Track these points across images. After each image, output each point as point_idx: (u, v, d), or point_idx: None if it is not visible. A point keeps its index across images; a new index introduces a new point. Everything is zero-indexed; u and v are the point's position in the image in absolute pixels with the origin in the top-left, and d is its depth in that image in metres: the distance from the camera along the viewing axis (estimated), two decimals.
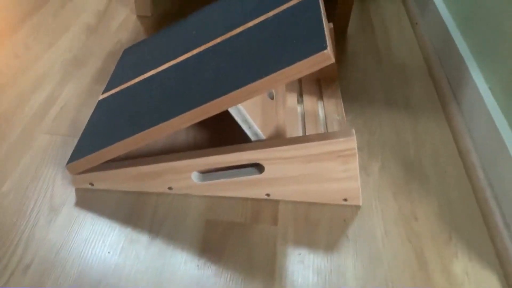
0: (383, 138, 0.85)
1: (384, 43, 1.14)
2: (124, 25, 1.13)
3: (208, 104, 0.60)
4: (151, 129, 0.63)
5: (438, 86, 0.98)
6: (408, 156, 0.81)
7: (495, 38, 0.82)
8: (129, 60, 0.87)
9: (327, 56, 0.54)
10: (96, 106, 0.78)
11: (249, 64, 0.61)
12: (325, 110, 0.86)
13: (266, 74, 0.57)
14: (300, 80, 0.93)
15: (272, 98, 0.80)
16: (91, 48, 1.04)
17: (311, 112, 0.85)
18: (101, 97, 0.80)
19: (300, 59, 0.55)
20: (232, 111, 0.64)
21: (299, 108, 0.87)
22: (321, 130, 0.81)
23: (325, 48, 0.54)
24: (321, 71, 0.93)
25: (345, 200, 0.70)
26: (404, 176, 0.77)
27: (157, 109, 0.65)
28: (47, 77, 0.94)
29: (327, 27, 0.60)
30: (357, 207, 0.71)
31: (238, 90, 0.59)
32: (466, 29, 0.96)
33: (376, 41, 1.14)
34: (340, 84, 0.98)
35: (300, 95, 0.90)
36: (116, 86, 0.80)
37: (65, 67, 0.97)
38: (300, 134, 0.80)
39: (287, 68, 0.56)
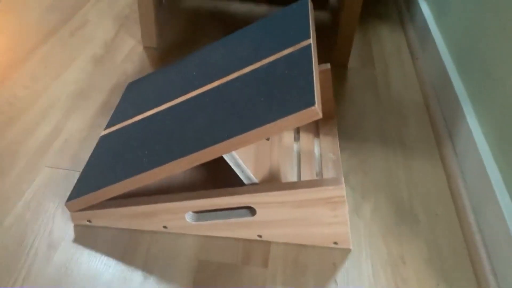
0: (377, 179, 0.86)
1: (383, 77, 1.16)
2: (130, 56, 1.17)
3: (202, 151, 0.63)
4: (147, 172, 0.65)
5: (434, 125, 1.00)
6: (400, 198, 0.83)
7: (489, 81, 0.84)
8: (131, 96, 0.90)
9: (314, 112, 0.56)
10: (97, 142, 0.81)
11: (242, 114, 0.64)
12: (321, 148, 0.88)
13: (258, 126, 0.59)
14: None
15: (267, 138, 0.82)
16: (96, 80, 1.07)
17: (307, 151, 0.87)
18: (103, 133, 0.83)
19: (289, 113, 0.58)
20: (226, 156, 0.66)
21: (295, 146, 0.89)
22: (316, 170, 0.82)
23: (313, 104, 0.56)
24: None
25: (335, 243, 0.72)
26: (395, 218, 0.79)
27: (153, 152, 0.68)
28: (52, 109, 0.98)
29: (317, 79, 0.62)
30: (347, 250, 0.73)
31: (231, 140, 0.61)
32: (463, 69, 0.98)
33: (375, 75, 1.16)
34: (337, 119, 1.00)
35: (298, 131, 0.92)
36: (117, 123, 0.83)
37: (71, 99, 1.01)
38: (295, 174, 0.82)
39: (277, 121, 0.58)
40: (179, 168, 0.64)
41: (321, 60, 1.20)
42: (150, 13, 1.15)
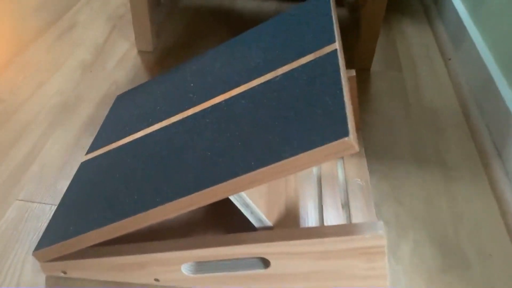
0: (414, 210, 0.71)
1: (412, 82, 1.00)
2: (123, 62, 1.03)
3: (201, 193, 0.48)
4: (130, 218, 0.51)
5: (477, 139, 0.85)
6: (445, 234, 0.68)
7: None
8: (119, 112, 0.76)
9: (348, 145, 0.42)
10: (77, 171, 0.67)
11: (251, 143, 0.49)
12: (345, 171, 0.74)
13: (273, 161, 0.45)
14: None
15: None
16: (83, 91, 0.93)
17: (329, 175, 0.72)
18: (85, 158, 0.69)
19: (314, 146, 0.43)
20: (231, 196, 0.51)
21: (314, 170, 0.74)
22: (341, 200, 0.68)
23: (346, 134, 0.42)
24: None
25: None
26: (441, 262, 0.64)
27: (140, 192, 0.54)
28: (30, 127, 0.84)
29: (348, 98, 0.47)
30: None
31: (239, 178, 0.47)
32: (510, 70, 0.82)
33: (403, 80, 1.01)
34: (362, 135, 0.85)
35: None
36: (101, 146, 0.69)
37: (52, 114, 0.87)
38: (316, 207, 0.67)
39: (298, 156, 0.44)
40: (171, 213, 0.50)
41: None
42: (144, 13, 1.01)
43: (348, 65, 1.05)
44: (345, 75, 0.52)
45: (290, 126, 0.47)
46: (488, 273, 0.63)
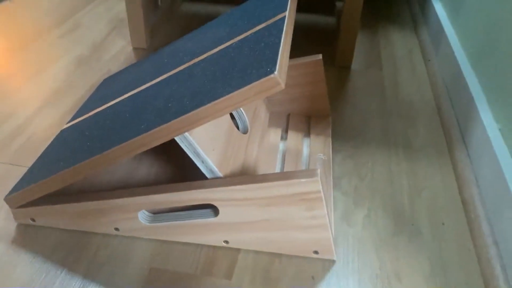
0: (374, 184, 0.74)
1: (391, 79, 1.04)
2: (117, 56, 1.10)
3: (149, 133, 0.53)
4: (86, 161, 0.56)
5: (446, 127, 0.88)
6: (401, 205, 0.70)
7: (508, 81, 0.72)
8: (103, 89, 0.82)
9: (274, 81, 0.46)
10: (55, 136, 0.73)
11: (198, 91, 0.54)
12: (310, 148, 0.77)
13: (210, 101, 0.49)
14: (288, 115, 0.85)
15: (245, 132, 0.72)
16: (76, 79, 1.00)
17: (294, 150, 0.76)
18: (64, 126, 0.75)
19: (245, 85, 0.47)
20: (181, 142, 0.56)
21: (281, 145, 0.78)
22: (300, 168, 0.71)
23: (273, 71, 0.46)
24: (311, 106, 0.84)
25: (316, 252, 0.60)
26: (393, 228, 0.66)
27: (98, 139, 0.58)
28: (23, 107, 0.91)
29: (286, 52, 0.52)
30: (331, 262, 0.60)
31: (181, 118, 0.51)
32: (479, 69, 0.86)
33: (382, 77, 1.05)
34: (334, 122, 0.89)
35: (285, 131, 0.82)
36: (80, 116, 0.74)
37: (45, 98, 0.94)
38: (273, 171, 0.71)
39: (231, 94, 0.48)
40: (123, 154, 0.55)
41: (325, 64, 1.10)
42: (138, 12, 1.09)
43: (329, 63, 1.10)
44: (290, 36, 0.56)
45: (231, 74, 0.52)
46: (438, 239, 0.65)
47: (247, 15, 0.70)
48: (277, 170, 0.73)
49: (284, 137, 0.80)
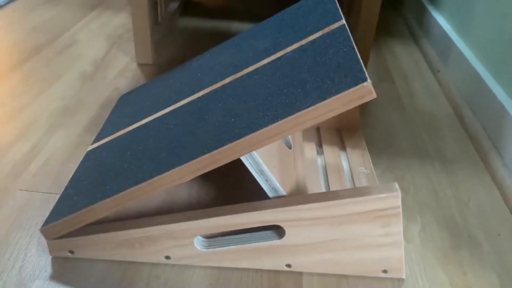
0: (419, 197, 0.72)
1: (405, 91, 1.04)
2: (123, 73, 1.04)
3: (216, 152, 0.49)
4: (144, 183, 0.51)
5: (473, 137, 0.87)
6: (452, 217, 0.68)
7: None
8: (125, 107, 0.77)
9: (367, 90, 0.43)
10: (83, 158, 0.67)
11: (267, 103, 0.50)
12: (349, 162, 0.74)
13: (290, 113, 0.46)
14: (318, 129, 0.82)
15: (289, 147, 0.68)
16: (85, 97, 0.94)
17: (334, 165, 0.73)
18: (90, 147, 0.69)
19: (332, 95, 0.44)
20: (246, 160, 0.52)
21: (319, 160, 0.75)
22: (347, 185, 0.68)
23: (365, 80, 0.43)
24: (341, 119, 0.82)
25: (385, 271, 0.57)
26: (450, 241, 0.64)
27: (150, 161, 0.53)
28: (32, 127, 0.84)
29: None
30: (400, 281, 0.57)
31: (256, 133, 0.47)
32: (501, 74, 0.87)
33: (397, 90, 1.05)
34: (363, 134, 0.87)
35: (319, 145, 0.79)
36: (108, 135, 0.69)
37: (54, 117, 0.87)
38: (323, 190, 0.67)
39: (317, 106, 0.45)
40: (186, 175, 0.50)
41: None
42: (145, 27, 1.04)
43: None
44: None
45: (306, 84, 0.49)
46: (499, 251, 0.63)
47: (289, 26, 0.67)
48: (322, 186, 0.69)
49: (319, 152, 0.77)
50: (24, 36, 1.20)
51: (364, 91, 0.43)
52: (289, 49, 0.60)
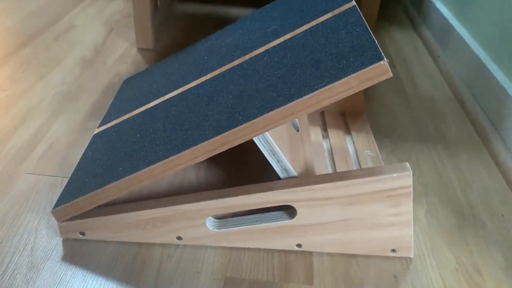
0: (424, 179, 0.73)
1: (406, 76, 1.05)
2: (123, 58, 1.04)
3: (229, 132, 0.49)
4: (159, 164, 0.51)
5: (475, 121, 0.88)
6: (456, 199, 0.69)
7: None
8: (130, 90, 0.77)
9: (384, 68, 0.44)
10: (90, 141, 0.67)
11: (280, 83, 0.50)
12: (355, 146, 0.75)
13: (307, 93, 0.46)
14: (322, 113, 0.83)
15: (297, 130, 0.68)
16: (85, 82, 0.93)
17: (340, 148, 0.74)
18: (97, 130, 0.69)
19: (348, 74, 0.44)
20: (258, 141, 0.52)
21: (324, 144, 0.76)
22: (354, 168, 0.69)
23: (382, 58, 0.43)
24: (346, 103, 0.82)
25: (393, 251, 0.58)
26: (456, 222, 0.65)
27: (162, 142, 0.53)
28: (34, 112, 0.83)
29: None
30: (408, 260, 0.58)
31: (271, 113, 0.47)
32: (501, 58, 0.87)
33: (397, 74, 1.05)
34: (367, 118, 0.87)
35: (324, 129, 0.79)
36: (115, 118, 0.69)
37: (56, 102, 0.86)
38: (332, 170, 0.68)
39: (333, 84, 0.45)
40: (201, 155, 0.50)
41: None
42: (146, 12, 1.03)
43: None
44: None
45: (321, 64, 0.49)
46: (503, 231, 0.64)
47: (296, 8, 0.67)
48: (329, 169, 0.70)
49: (325, 136, 0.78)
50: (20, 21, 1.18)
51: (381, 70, 0.44)
52: (299, 30, 0.60)
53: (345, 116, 0.83)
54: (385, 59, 0.43)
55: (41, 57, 1.02)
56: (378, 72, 0.44)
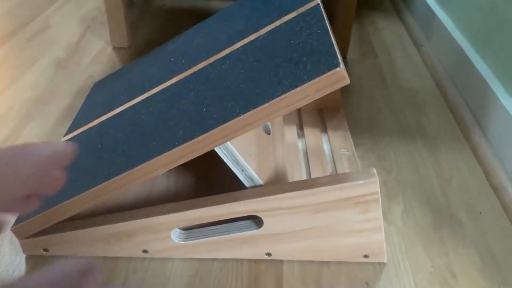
0: (402, 176, 0.71)
1: (388, 67, 1.02)
2: (98, 58, 1.01)
3: (188, 144, 0.47)
4: (115, 178, 0.49)
5: (456, 113, 0.86)
6: (434, 196, 0.68)
7: None
8: (99, 95, 0.74)
9: (340, 75, 0.41)
10: None
11: (238, 91, 0.48)
12: (331, 144, 0.73)
13: (262, 103, 0.44)
14: (299, 110, 0.80)
15: (268, 133, 0.66)
16: (58, 85, 0.91)
17: (315, 148, 0.72)
18: (63, 139, 0.67)
19: (305, 81, 0.42)
20: (220, 151, 0.50)
21: (300, 144, 0.74)
22: (329, 169, 0.67)
23: (338, 65, 0.41)
24: (323, 99, 0.80)
25: (366, 256, 0.56)
26: (433, 222, 0.63)
27: (122, 154, 0.52)
28: (5, 117, 0.81)
29: (335, 41, 0.47)
30: (381, 265, 0.57)
31: (226, 124, 0.45)
32: (483, 48, 0.85)
33: (380, 65, 1.03)
34: (345, 114, 0.85)
35: (300, 128, 0.77)
36: (80, 126, 0.67)
37: (27, 107, 0.84)
38: (304, 175, 0.66)
39: (290, 93, 0.43)
40: (158, 169, 0.48)
41: None
42: (118, 9, 1.00)
43: None
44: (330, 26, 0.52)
45: (279, 70, 0.47)
46: (480, 229, 0.62)
47: (263, 6, 0.64)
48: (303, 171, 0.68)
49: (300, 135, 0.76)
50: None
51: (337, 77, 0.42)
52: (263, 31, 0.57)
53: (323, 112, 0.81)
54: (341, 65, 0.41)
55: (14, 59, 0.99)
56: (335, 79, 0.42)
